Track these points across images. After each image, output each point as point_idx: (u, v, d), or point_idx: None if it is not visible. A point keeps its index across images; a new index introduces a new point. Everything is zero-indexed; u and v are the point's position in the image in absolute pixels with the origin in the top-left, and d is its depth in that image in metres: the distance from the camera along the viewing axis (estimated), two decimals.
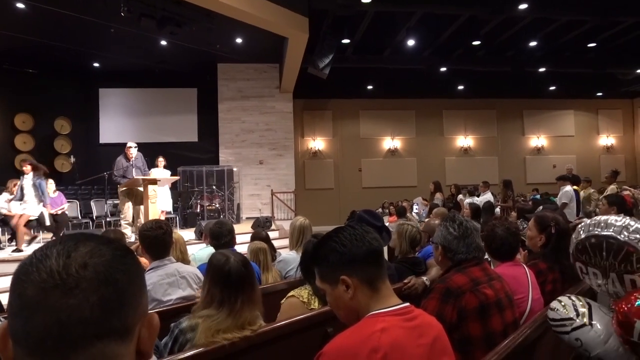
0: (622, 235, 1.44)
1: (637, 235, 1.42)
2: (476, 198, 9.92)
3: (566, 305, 1.51)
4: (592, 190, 8.86)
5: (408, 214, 9.43)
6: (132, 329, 0.60)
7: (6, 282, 5.35)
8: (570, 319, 1.47)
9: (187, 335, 1.83)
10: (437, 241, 2.06)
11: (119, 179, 6.91)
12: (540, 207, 6.44)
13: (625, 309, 1.32)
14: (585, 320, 1.45)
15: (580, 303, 1.52)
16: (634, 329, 1.29)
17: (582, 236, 1.55)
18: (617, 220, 1.50)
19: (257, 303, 1.92)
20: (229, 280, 1.86)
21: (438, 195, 9.53)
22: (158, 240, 2.56)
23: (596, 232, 1.50)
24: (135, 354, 0.61)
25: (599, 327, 1.43)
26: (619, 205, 4.60)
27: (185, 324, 1.86)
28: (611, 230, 1.47)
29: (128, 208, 6.88)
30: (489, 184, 10.37)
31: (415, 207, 11.07)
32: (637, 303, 1.31)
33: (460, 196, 10.80)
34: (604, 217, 1.56)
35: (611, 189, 8.72)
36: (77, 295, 0.55)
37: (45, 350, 0.54)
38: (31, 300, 0.54)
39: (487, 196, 9.98)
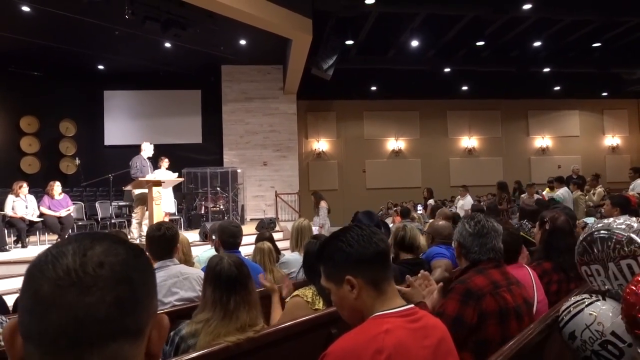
0: (610, 228, 1.61)
1: (623, 226, 1.58)
2: (457, 205, 9.92)
3: (580, 296, 1.70)
4: (580, 192, 8.73)
5: (413, 214, 9.39)
6: (144, 330, 0.59)
7: (11, 284, 5.38)
8: (587, 297, 1.65)
9: (189, 342, 1.82)
10: (454, 237, 2.08)
11: (138, 174, 7.00)
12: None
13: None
14: (599, 297, 1.63)
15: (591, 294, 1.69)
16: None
17: (580, 240, 1.70)
18: (611, 220, 1.67)
19: (254, 304, 1.92)
20: (220, 280, 1.88)
21: (322, 203, 9.48)
22: (161, 241, 2.57)
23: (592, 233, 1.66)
24: (145, 356, 0.60)
25: (610, 302, 1.59)
26: (622, 205, 4.57)
27: (185, 330, 1.86)
28: (603, 227, 1.64)
29: (140, 209, 6.99)
30: (467, 188, 10.42)
31: (419, 207, 11.05)
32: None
33: (430, 201, 10.76)
34: (605, 221, 1.69)
35: (598, 192, 8.73)
36: (94, 293, 0.54)
37: (59, 349, 0.53)
38: (47, 298, 0.53)
39: (467, 200, 9.94)
